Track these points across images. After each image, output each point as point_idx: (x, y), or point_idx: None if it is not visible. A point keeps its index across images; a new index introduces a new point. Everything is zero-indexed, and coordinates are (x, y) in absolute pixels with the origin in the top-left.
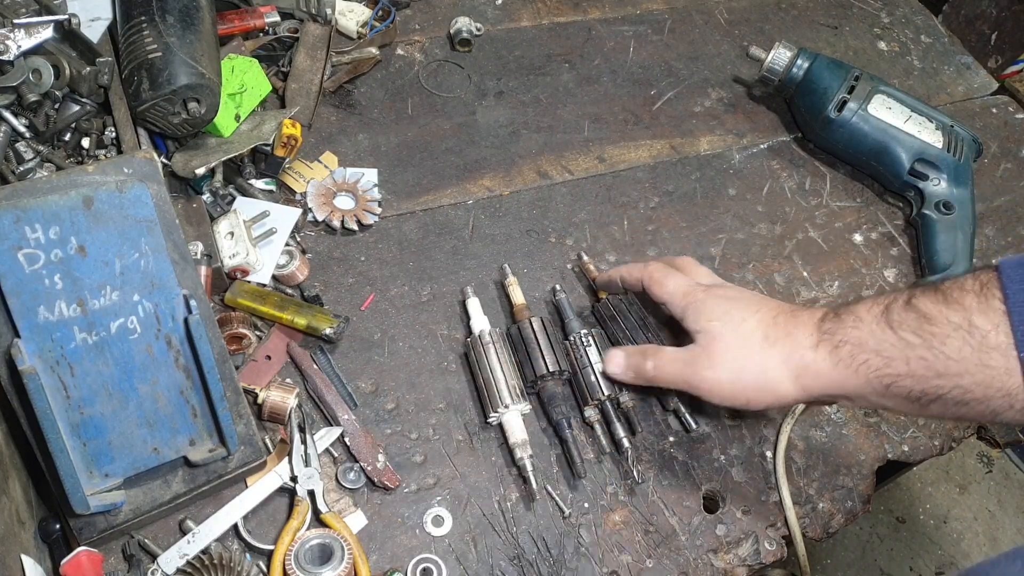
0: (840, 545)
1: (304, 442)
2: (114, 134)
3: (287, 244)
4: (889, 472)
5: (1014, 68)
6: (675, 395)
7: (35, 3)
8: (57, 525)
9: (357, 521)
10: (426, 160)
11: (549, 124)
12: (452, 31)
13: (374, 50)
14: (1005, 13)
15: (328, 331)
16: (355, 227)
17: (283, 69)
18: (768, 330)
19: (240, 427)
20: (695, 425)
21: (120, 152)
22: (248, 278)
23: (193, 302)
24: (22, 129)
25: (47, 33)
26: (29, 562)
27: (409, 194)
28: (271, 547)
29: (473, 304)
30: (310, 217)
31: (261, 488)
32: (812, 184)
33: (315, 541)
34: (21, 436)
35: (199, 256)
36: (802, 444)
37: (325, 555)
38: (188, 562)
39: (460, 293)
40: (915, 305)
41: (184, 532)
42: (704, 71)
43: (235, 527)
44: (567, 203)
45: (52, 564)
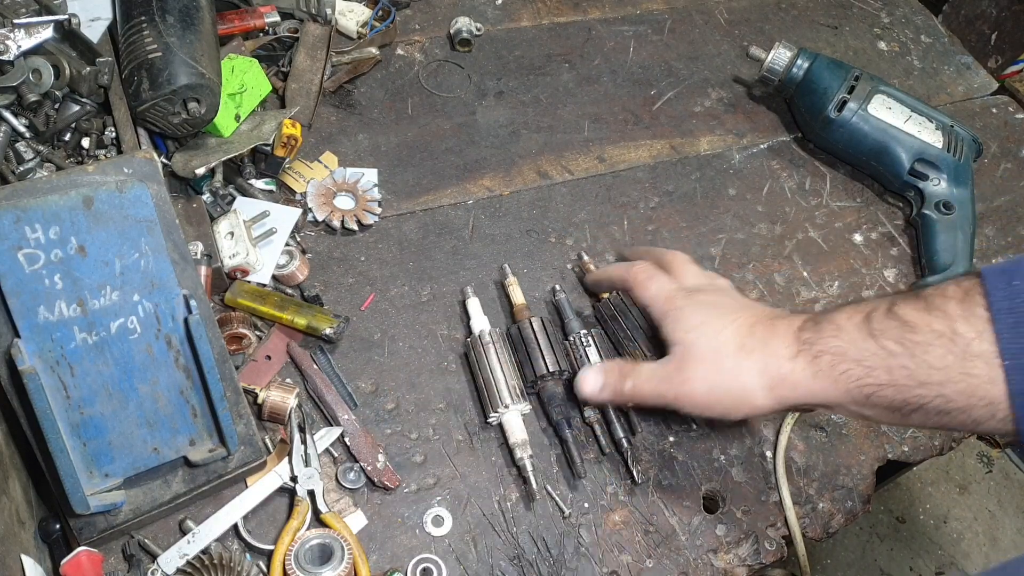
0: (840, 545)
1: (304, 442)
2: (114, 134)
3: (287, 244)
4: (889, 472)
5: (1014, 68)
6: None
7: (35, 3)
8: (57, 525)
9: (357, 521)
10: (426, 160)
11: (549, 124)
12: (452, 31)
13: (374, 50)
14: (1005, 13)
15: (328, 331)
16: (355, 227)
17: (283, 69)
18: (744, 340)
19: (240, 427)
20: (695, 426)
21: (120, 152)
22: (248, 278)
23: (193, 302)
24: (22, 129)
25: (47, 33)
26: (29, 562)
27: (409, 194)
28: (271, 547)
29: (473, 304)
30: (310, 217)
31: (261, 488)
32: (812, 184)
33: (315, 541)
34: (21, 436)
35: (199, 256)
36: (802, 444)
37: (325, 555)
38: (188, 562)
39: (460, 293)
40: (897, 313)
41: (184, 532)
42: (704, 71)
43: (235, 527)
44: (567, 203)
45: (52, 564)
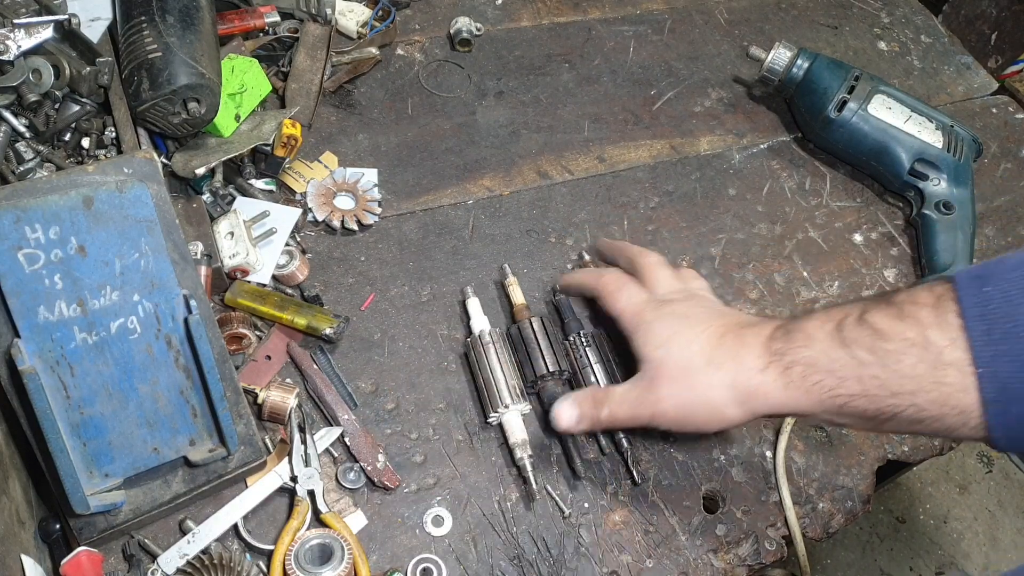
0: (840, 545)
1: (304, 442)
2: (114, 134)
3: (287, 244)
4: (889, 472)
5: (1014, 68)
6: None
7: (35, 3)
8: (57, 525)
9: (357, 521)
10: (426, 160)
11: (549, 124)
12: (452, 31)
13: (374, 50)
14: (1005, 13)
15: (328, 331)
16: (355, 227)
17: (283, 69)
18: (713, 353)
19: (240, 427)
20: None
21: (120, 152)
22: (248, 278)
23: (193, 302)
24: (22, 129)
25: (47, 33)
26: (29, 562)
27: (409, 194)
28: (271, 547)
29: (473, 304)
30: (310, 217)
31: (261, 488)
32: (812, 184)
33: (315, 541)
34: (21, 436)
35: (199, 256)
36: (802, 444)
37: (325, 555)
38: (188, 562)
39: (460, 293)
40: (868, 321)
41: (184, 532)
42: (704, 71)
43: (235, 527)
44: (567, 203)
45: (52, 564)
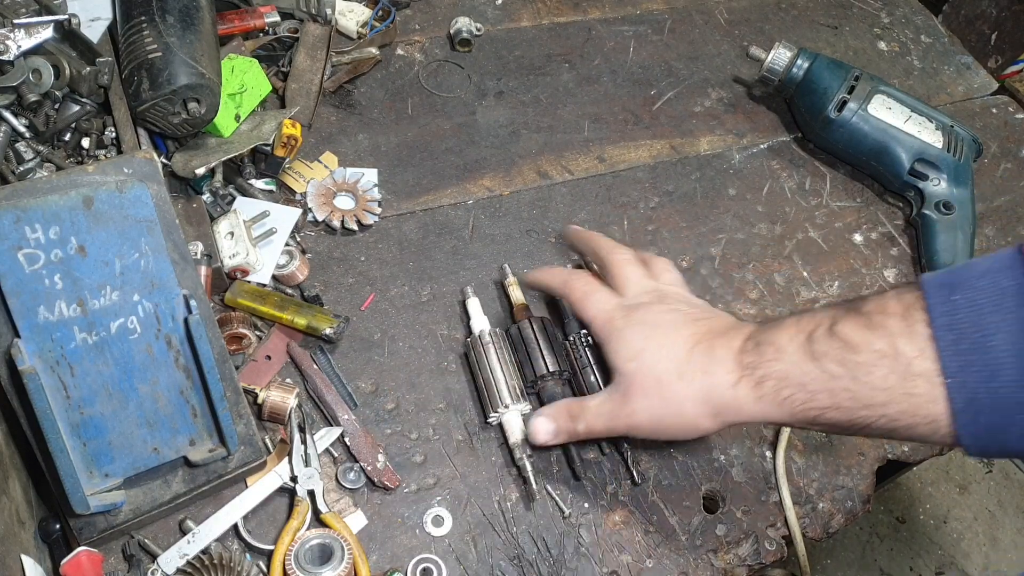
0: (840, 545)
1: (304, 442)
2: (114, 134)
3: (287, 244)
4: (889, 472)
5: (1014, 68)
6: None
7: (35, 3)
8: (57, 525)
9: (357, 521)
10: (426, 160)
11: (549, 124)
12: (452, 31)
13: (374, 50)
14: (1005, 13)
15: (328, 331)
16: (355, 227)
17: (283, 69)
18: (684, 367)
19: (240, 427)
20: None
21: (120, 152)
22: (248, 278)
23: (193, 302)
24: (22, 129)
25: (47, 33)
26: (29, 562)
27: (409, 194)
28: (271, 547)
29: (473, 304)
30: (310, 217)
31: (261, 488)
32: (812, 184)
33: (315, 541)
34: (21, 436)
35: (199, 256)
36: (802, 444)
37: (325, 555)
38: (188, 562)
39: (460, 293)
40: (838, 332)
41: (184, 532)
42: (704, 71)
43: (235, 527)
44: (567, 203)
45: (52, 564)
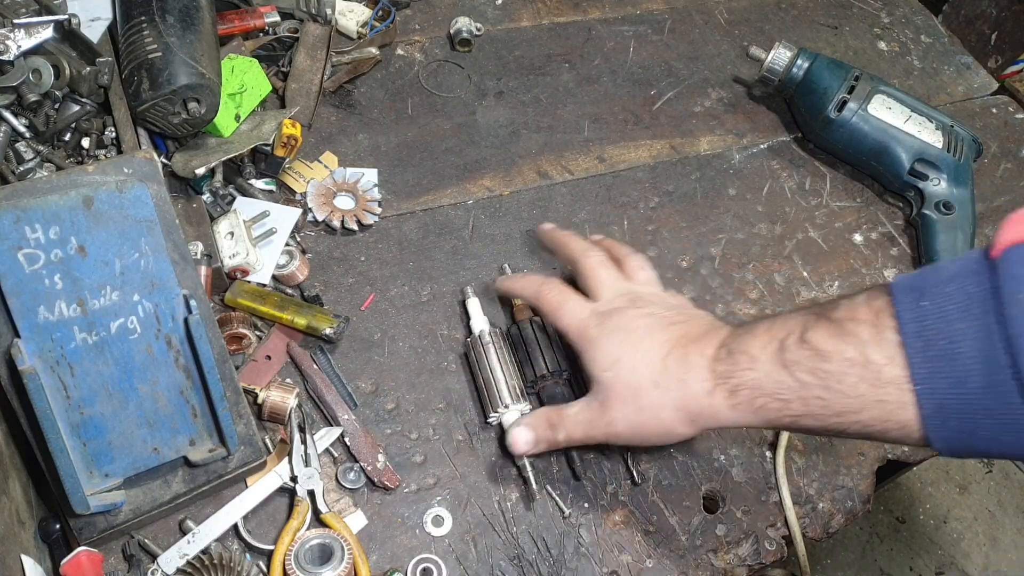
0: (840, 545)
1: (304, 442)
2: (114, 134)
3: (287, 244)
4: (889, 472)
5: (1014, 68)
6: None
7: (35, 3)
8: (57, 525)
9: (357, 521)
10: (426, 160)
11: (549, 124)
12: (452, 31)
13: (374, 50)
14: (1005, 13)
15: (328, 331)
16: (355, 227)
17: (283, 69)
18: (658, 377)
19: (240, 427)
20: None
21: (120, 152)
22: (248, 278)
23: (193, 302)
24: (22, 129)
25: (47, 33)
26: (29, 562)
27: (409, 194)
28: (271, 547)
29: (473, 304)
30: (310, 217)
31: (261, 488)
32: (812, 184)
33: (315, 541)
34: (21, 436)
35: (199, 256)
36: (802, 444)
37: (325, 555)
38: (188, 562)
39: (460, 293)
40: (809, 340)
41: (184, 532)
42: (704, 71)
43: (235, 527)
44: (567, 203)
45: (52, 564)
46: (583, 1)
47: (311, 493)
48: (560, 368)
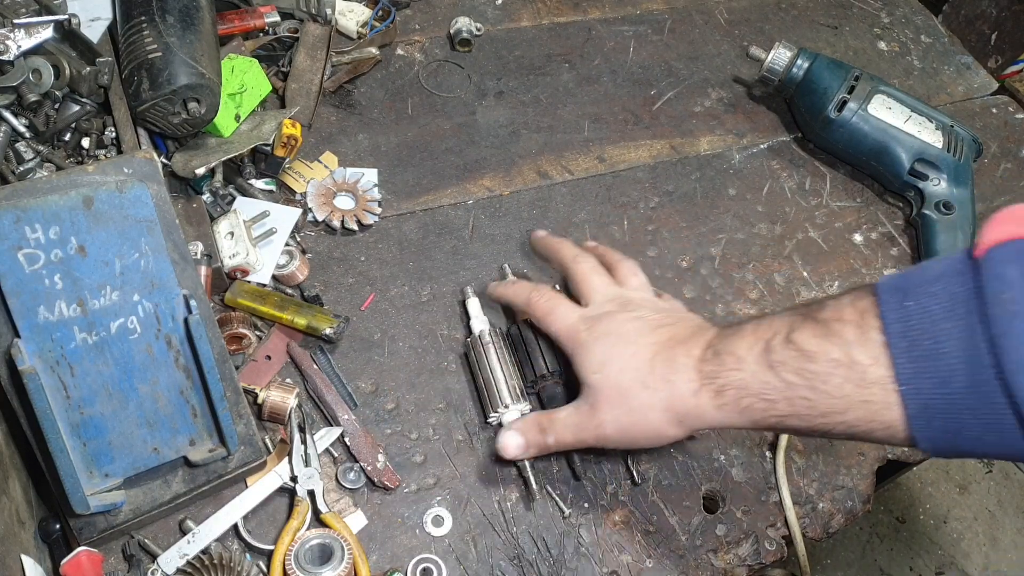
0: (840, 545)
1: (304, 442)
2: (114, 134)
3: (287, 244)
4: (889, 472)
5: (1014, 68)
6: None
7: (35, 3)
8: (57, 525)
9: (357, 521)
10: (426, 160)
11: (549, 124)
12: (452, 31)
13: (374, 50)
14: (1005, 13)
15: (328, 331)
16: (355, 227)
17: (283, 69)
18: (646, 378)
19: (240, 427)
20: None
21: (120, 152)
22: (248, 278)
23: (193, 302)
24: (22, 129)
25: (47, 33)
26: (29, 562)
27: (409, 194)
28: (271, 547)
29: (473, 304)
30: (310, 217)
31: (261, 488)
32: (812, 184)
33: (315, 541)
34: (21, 436)
35: (199, 256)
36: (802, 444)
37: (325, 555)
38: (188, 562)
39: (460, 293)
40: (795, 341)
41: (184, 532)
42: (704, 71)
43: (235, 527)
44: (567, 203)
45: (52, 564)
46: (583, 1)
47: (311, 493)
48: (560, 368)
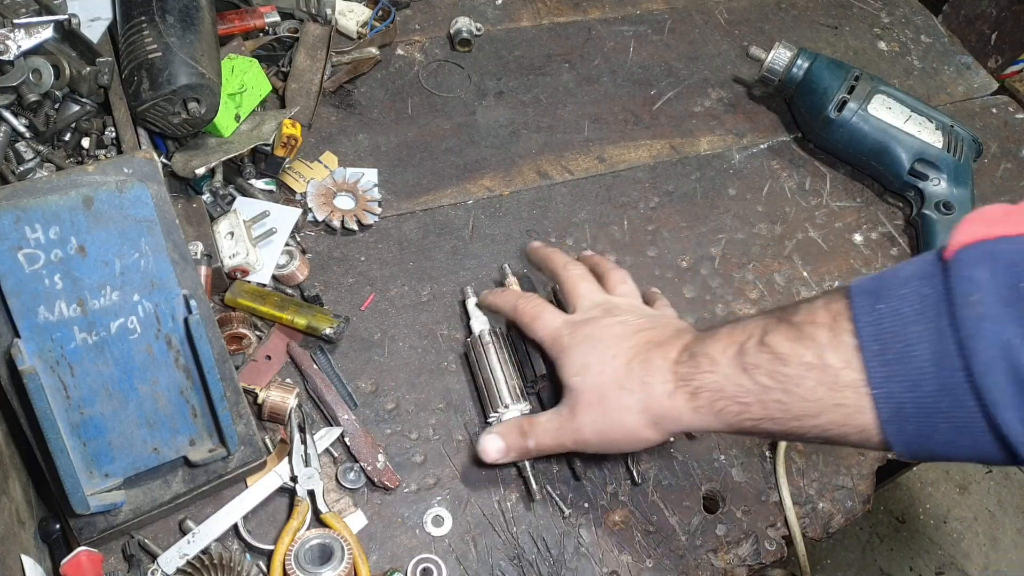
0: (840, 545)
1: (304, 442)
2: (114, 134)
3: (287, 244)
4: (889, 472)
5: (1014, 68)
6: None
7: (35, 3)
8: (57, 525)
9: (357, 521)
10: (426, 160)
11: (549, 124)
12: (452, 31)
13: (374, 50)
14: (1005, 13)
15: (328, 331)
16: (355, 227)
17: (283, 69)
18: (623, 380)
19: (240, 427)
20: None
21: (120, 152)
22: (248, 278)
23: (193, 302)
24: (22, 129)
25: (47, 33)
26: (29, 562)
27: (409, 194)
28: (271, 547)
29: (473, 304)
30: (310, 217)
31: (261, 488)
32: (812, 184)
33: (315, 541)
34: (21, 436)
35: (199, 256)
36: (802, 444)
37: (325, 555)
38: (188, 562)
39: (460, 293)
40: (768, 344)
41: (184, 532)
42: (704, 71)
43: (235, 527)
44: (567, 203)
45: (52, 564)
46: (583, 1)
47: (311, 493)
48: None
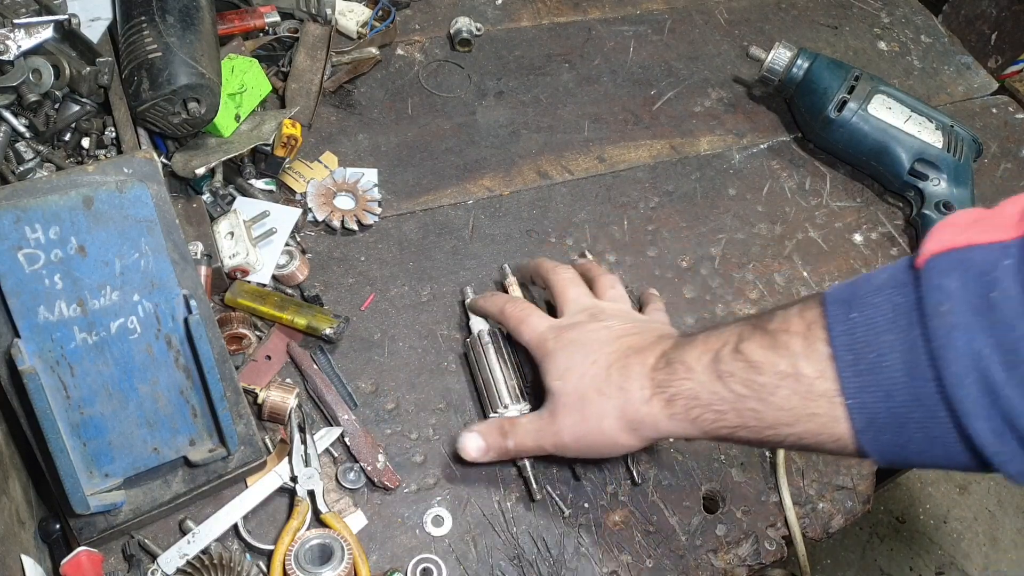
0: (840, 545)
1: (304, 442)
2: (114, 134)
3: (287, 244)
4: (889, 472)
5: (1014, 68)
6: None
7: (35, 3)
8: (57, 525)
9: (357, 521)
10: (426, 160)
11: (549, 124)
12: (452, 31)
13: (374, 50)
14: (1005, 13)
15: (328, 331)
16: (355, 227)
17: (283, 69)
18: (601, 385)
19: (240, 427)
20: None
21: (120, 152)
22: (248, 278)
23: (193, 302)
24: (22, 129)
25: (47, 33)
26: (29, 562)
27: (409, 194)
28: (271, 547)
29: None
30: (310, 217)
31: (261, 488)
32: (812, 184)
33: (315, 541)
34: (21, 436)
35: (199, 256)
36: None
37: (325, 555)
38: (188, 562)
39: (460, 293)
40: (743, 352)
41: (184, 532)
42: (704, 71)
43: (235, 527)
44: (567, 203)
45: (52, 564)
46: (583, 1)
47: (311, 493)
48: None
